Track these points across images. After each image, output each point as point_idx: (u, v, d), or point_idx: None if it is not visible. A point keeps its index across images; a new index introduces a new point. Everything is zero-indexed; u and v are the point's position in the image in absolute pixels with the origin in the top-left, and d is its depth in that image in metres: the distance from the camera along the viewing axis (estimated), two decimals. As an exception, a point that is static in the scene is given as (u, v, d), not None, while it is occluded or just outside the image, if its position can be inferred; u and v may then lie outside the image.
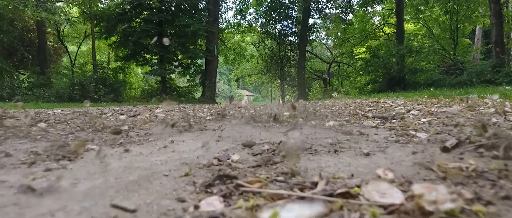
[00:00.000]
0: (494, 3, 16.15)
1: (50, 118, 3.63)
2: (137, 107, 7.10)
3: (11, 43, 16.80)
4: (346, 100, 6.45)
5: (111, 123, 2.89)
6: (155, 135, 2.11)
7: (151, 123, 2.88)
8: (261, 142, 1.71)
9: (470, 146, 1.33)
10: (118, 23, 17.14)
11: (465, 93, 6.10)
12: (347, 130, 2.06)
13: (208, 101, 17.27)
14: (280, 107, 4.54)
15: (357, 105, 4.91)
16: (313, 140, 1.72)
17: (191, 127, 2.41)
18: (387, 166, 1.13)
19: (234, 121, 2.86)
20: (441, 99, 4.64)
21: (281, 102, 26.21)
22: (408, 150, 1.40)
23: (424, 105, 3.84)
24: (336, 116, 3.10)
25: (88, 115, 3.81)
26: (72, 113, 4.64)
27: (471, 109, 2.76)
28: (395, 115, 2.74)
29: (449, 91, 9.82)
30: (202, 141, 1.75)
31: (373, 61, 17.53)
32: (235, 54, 26.57)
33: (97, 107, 8.02)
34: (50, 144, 1.66)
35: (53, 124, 2.83)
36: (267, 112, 3.12)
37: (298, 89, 22.36)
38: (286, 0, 22.93)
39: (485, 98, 3.53)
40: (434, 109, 3.13)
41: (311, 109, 3.77)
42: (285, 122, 2.63)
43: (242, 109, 4.72)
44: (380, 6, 24.73)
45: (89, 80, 14.81)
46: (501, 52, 15.64)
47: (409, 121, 2.34)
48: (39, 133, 2.20)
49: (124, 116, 3.75)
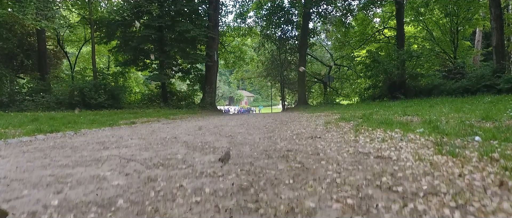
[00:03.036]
0: (494, 7, 16.14)
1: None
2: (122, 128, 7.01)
3: (11, 50, 16.79)
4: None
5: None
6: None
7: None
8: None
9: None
10: (118, 28, 17.16)
11: (470, 115, 5.27)
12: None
13: (208, 107, 17.26)
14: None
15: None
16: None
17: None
18: None
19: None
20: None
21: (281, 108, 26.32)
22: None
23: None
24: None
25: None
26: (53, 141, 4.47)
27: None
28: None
29: (450, 103, 9.81)
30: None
31: (373, 66, 17.48)
32: (235, 58, 26.58)
33: (90, 123, 8.00)
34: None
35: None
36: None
37: (298, 93, 22.34)
38: (286, 4, 22.93)
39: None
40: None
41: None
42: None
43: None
44: (380, 8, 24.73)
45: (89, 86, 14.78)
46: (502, 58, 15.62)
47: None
48: None
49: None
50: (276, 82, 26.77)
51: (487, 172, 1.57)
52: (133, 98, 20.68)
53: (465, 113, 5.64)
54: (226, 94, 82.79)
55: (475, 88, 15.02)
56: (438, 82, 16.42)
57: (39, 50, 18.70)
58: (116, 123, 6.90)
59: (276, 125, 4.85)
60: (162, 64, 17.71)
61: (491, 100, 8.37)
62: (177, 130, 4.69)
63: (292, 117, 7.91)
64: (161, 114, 11.23)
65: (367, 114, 6.23)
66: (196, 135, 3.63)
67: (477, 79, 15.43)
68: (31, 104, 14.68)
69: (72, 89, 14.74)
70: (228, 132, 4.03)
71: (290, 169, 1.85)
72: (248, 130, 4.11)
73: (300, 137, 3.16)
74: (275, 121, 5.92)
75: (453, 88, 15.66)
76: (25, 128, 5.60)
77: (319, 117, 6.40)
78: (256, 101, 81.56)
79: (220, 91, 72.85)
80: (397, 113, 6.63)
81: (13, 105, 14.72)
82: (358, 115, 6.48)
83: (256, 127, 4.59)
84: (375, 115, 6.36)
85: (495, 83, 14.51)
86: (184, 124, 6.26)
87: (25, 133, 4.72)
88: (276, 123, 5.28)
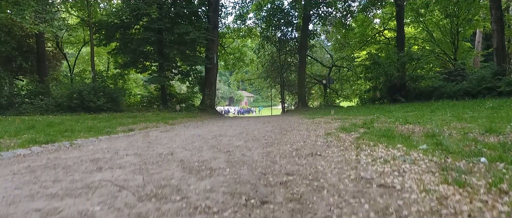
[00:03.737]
0: (495, 10, 16.06)
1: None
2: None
3: (9, 53, 16.70)
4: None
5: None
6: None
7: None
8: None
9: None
10: (117, 30, 17.07)
11: (473, 123, 5.25)
12: None
13: (208, 110, 17.18)
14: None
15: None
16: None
17: None
18: None
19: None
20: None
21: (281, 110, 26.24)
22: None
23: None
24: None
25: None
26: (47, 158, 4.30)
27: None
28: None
29: (451, 108, 9.73)
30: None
31: (373, 68, 17.42)
32: (234, 59, 26.51)
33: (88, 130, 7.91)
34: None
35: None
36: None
37: (298, 95, 22.27)
38: (286, 6, 22.84)
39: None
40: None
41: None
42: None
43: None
44: (380, 10, 24.64)
45: (88, 89, 14.70)
46: (502, 60, 15.55)
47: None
48: None
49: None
50: (276, 84, 26.71)
51: (498, 211, 1.49)
52: (133, 101, 20.59)
53: (467, 121, 5.56)
54: (226, 95, 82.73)
55: (476, 90, 14.94)
56: (439, 84, 16.36)
57: (38, 53, 18.63)
58: (114, 130, 6.82)
59: (275, 136, 4.78)
60: (161, 67, 17.63)
61: (492, 106, 8.28)
62: (175, 141, 4.61)
63: (291, 123, 7.83)
64: (160, 118, 11.15)
65: (367, 122, 6.15)
66: (193, 150, 3.56)
67: (478, 81, 15.35)
68: (30, 107, 14.60)
69: (71, 92, 14.65)
70: (226, 145, 3.96)
71: (289, 200, 1.77)
72: (247, 143, 4.04)
73: (300, 154, 3.08)
74: (274, 130, 5.84)
75: (453, 90, 15.59)
76: (21, 138, 5.52)
77: (319, 125, 6.33)
78: (256, 102, 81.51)
79: (220, 91, 72.82)
80: (398, 119, 6.55)
81: (12, 109, 14.64)
82: (358, 122, 6.41)
83: (255, 138, 4.51)
84: (376, 123, 6.29)
85: (496, 85, 14.43)
86: (183, 132, 6.19)
87: (20, 144, 4.64)
88: (275, 133, 5.21)
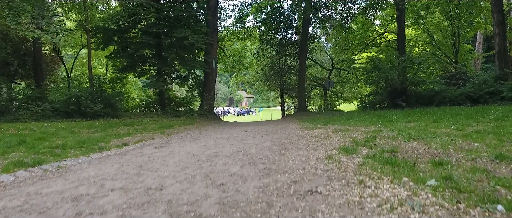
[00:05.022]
0: (497, 13, 15.84)
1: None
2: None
3: (5, 58, 16.50)
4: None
5: None
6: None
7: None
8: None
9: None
10: (115, 34, 16.86)
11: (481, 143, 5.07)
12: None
13: (206, 115, 16.97)
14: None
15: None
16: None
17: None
18: None
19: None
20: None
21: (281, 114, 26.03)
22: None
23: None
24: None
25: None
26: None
27: None
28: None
29: (453, 118, 9.50)
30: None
31: (374, 72, 17.22)
32: (234, 62, 26.32)
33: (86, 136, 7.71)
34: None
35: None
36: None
37: (298, 99, 22.05)
38: (286, 9, 22.62)
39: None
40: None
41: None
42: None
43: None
44: (380, 12, 24.40)
45: (85, 95, 14.50)
46: (504, 64, 15.34)
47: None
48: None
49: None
50: (275, 87, 26.51)
51: None
52: (131, 104, 20.39)
53: (473, 138, 5.36)
54: (226, 96, 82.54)
55: (477, 95, 14.74)
56: (440, 89, 16.15)
57: (35, 57, 18.44)
58: (107, 146, 6.62)
59: (273, 158, 4.59)
60: (160, 71, 17.44)
61: (497, 117, 8.06)
62: (167, 165, 4.41)
63: (291, 135, 7.64)
64: (157, 126, 10.95)
65: (369, 138, 5.96)
66: (184, 182, 3.36)
67: (479, 86, 15.15)
68: (26, 113, 14.40)
69: (68, 98, 14.46)
70: (220, 173, 3.77)
71: None
72: (243, 169, 3.84)
73: (298, 190, 2.89)
74: (273, 147, 5.64)
75: (455, 95, 15.38)
76: (8, 157, 5.32)
77: (319, 141, 6.13)
78: (256, 102, 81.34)
79: (220, 92, 72.60)
80: (400, 134, 6.36)
81: (8, 114, 14.43)
82: (360, 138, 6.21)
83: (252, 162, 4.32)
84: (378, 138, 6.10)
85: (498, 90, 14.23)
86: (177, 149, 5.99)
87: (5, 168, 4.43)
88: (273, 153, 5.02)
